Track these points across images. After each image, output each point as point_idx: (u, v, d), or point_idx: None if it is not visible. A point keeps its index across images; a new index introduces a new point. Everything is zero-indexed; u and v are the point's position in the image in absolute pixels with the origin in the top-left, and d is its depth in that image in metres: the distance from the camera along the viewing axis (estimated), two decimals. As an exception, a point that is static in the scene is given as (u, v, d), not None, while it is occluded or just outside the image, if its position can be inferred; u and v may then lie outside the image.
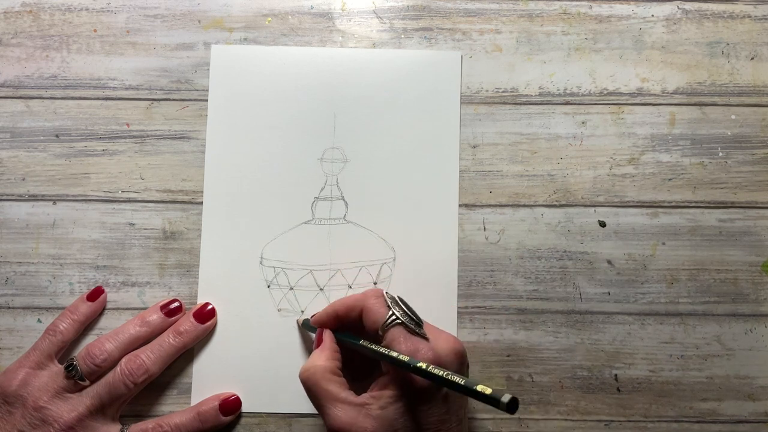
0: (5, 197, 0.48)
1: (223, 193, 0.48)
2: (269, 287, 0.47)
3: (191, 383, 0.46)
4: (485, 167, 0.48)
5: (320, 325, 0.43)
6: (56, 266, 0.47)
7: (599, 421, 0.46)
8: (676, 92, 0.49)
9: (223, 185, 0.48)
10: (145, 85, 0.49)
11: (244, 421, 0.46)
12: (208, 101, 0.48)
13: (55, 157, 0.48)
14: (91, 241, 0.47)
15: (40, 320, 0.47)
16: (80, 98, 0.48)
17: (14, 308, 0.47)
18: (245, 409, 0.46)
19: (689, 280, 0.47)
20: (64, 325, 0.45)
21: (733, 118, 0.48)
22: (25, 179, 0.48)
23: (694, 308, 0.47)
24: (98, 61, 0.49)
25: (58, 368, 0.44)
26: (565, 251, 0.47)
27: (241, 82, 0.48)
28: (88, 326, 0.46)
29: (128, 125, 0.48)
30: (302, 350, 0.46)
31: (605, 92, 0.49)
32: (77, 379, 0.43)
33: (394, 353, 0.38)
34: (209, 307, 0.46)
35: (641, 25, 0.49)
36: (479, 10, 0.49)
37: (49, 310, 0.47)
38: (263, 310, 0.47)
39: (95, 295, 0.46)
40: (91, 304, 0.46)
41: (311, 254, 0.47)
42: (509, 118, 0.48)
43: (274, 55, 0.49)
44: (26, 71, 0.49)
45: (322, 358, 0.41)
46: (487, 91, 0.49)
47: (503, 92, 0.49)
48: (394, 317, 0.39)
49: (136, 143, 0.48)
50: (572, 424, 0.46)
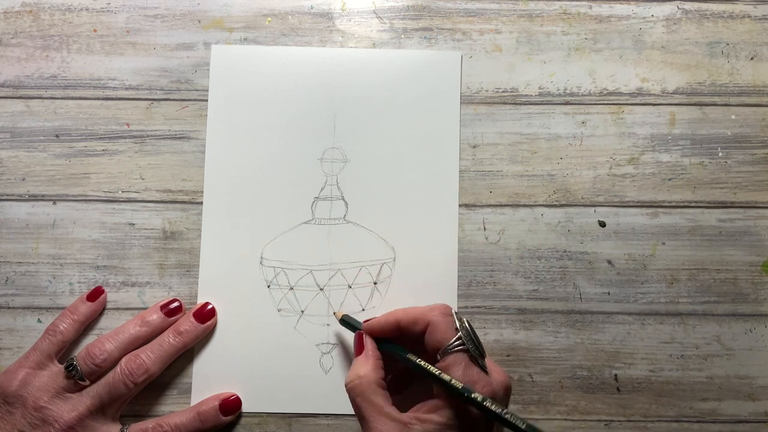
0: (5, 197, 0.48)
1: (223, 193, 0.48)
2: (269, 287, 0.47)
3: (191, 383, 0.46)
4: (485, 167, 0.48)
5: (375, 331, 0.42)
6: (56, 266, 0.47)
7: (599, 421, 0.46)
8: (676, 92, 0.49)
9: (223, 185, 0.48)
10: (145, 85, 0.49)
11: (244, 421, 0.46)
12: (208, 101, 0.48)
13: (55, 157, 0.48)
14: (91, 241, 0.47)
15: (40, 320, 0.47)
16: (80, 98, 0.49)
17: (14, 308, 0.47)
18: (245, 409, 0.46)
19: (689, 280, 0.47)
20: (64, 325, 0.45)
21: (733, 118, 0.48)
22: (25, 179, 0.48)
23: (694, 308, 0.47)
24: (98, 61, 0.49)
25: (58, 368, 0.44)
26: (565, 251, 0.47)
27: (241, 82, 0.48)
28: (88, 326, 0.46)
29: (128, 125, 0.48)
30: (306, 349, 0.46)
31: (605, 92, 0.49)
32: (77, 379, 0.43)
33: (447, 377, 0.37)
34: (209, 307, 0.46)
35: (641, 25, 0.49)
36: (479, 10, 0.49)
37: (49, 310, 0.47)
38: (263, 310, 0.47)
39: (95, 295, 0.46)
40: (91, 304, 0.46)
41: (311, 254, 0.47)
42: (509, 118, 0.48)
43: (274, 55, 0.49)
44: (26, 71, 0.49)
45: (368, 367, 0.40)
46: (487, 91, 0.49)
47: (503, 92, 0.49)
48: (459, 342, 0.38)
49: (136, 143, 0.48)
50: (572, 424, 0.46)
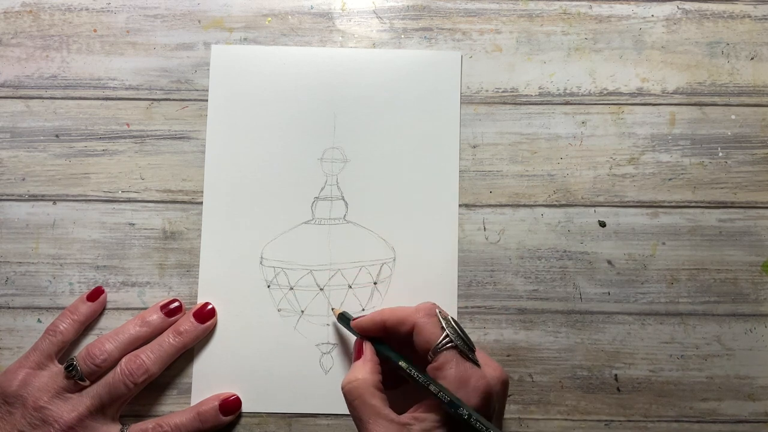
0: (5, 197, 0.48)
1: (223, 193, 0.48)
2: (269, 287, 0.47)
3: (191, 383, 0.46)
4: (485, 167, 0.48)
5: (363, 330, 0.42)
6: (56, 266, 0.47)
7: (599, 421, 0.46)
8: (676, 92, 0.49)
9: (223, 185, 0.48)
10: (145, 85, 0.49)
11: (244, 421, 0.46)
12: (208, 101, 0.48)
13: (55, 157, 0.48)
14: (91, 241, 0.47)
15: (40, 320, 0.47)
16: (80, 98, 0.49)
17: (14, 308, 0.47)
18: (245, 409, 0.46)
19: (689, 280, 0.47)
20: (64, 325, 0.45)
21: (733, 118, 0.48)
22: (25, 179, 0.48)
23: (694, 308, 0.47)
24: (98, 61, 0.49)
25: (58, 368, 0.44)
26: (565, 251, 0.47)
27: (241, 82, 0.48)
28: (88, 326, 0.46)
29: (128, 125, 0.48)
30: (305, 349, 0.46)
31: (605, 92, 0.49)
32: (77, 379, 0.43)
33: (435, 388, 0.37)
34: (209, 307, 0.46)
35: (641, 25, 0.49)
36: (479, 10, 0.49)
37: (49, 310, 0.47)
38: (263, 310, 0.47)
39: (95, 295, 0.46)
40: (91, 304, 0.46)
41: (311, 254, 0.47)
42: (509, 118, 0.48)
43: (274, 55, 0.49)
44: (26, 71, 0.49)
45: (365, 370, 0.40)
46: (487, 91, 0.49)
47: (503, 92, 0.49)
48: (447, 340, 0.38)
49: (136, 143, 0.48)
50: (572, 424, 0.46)
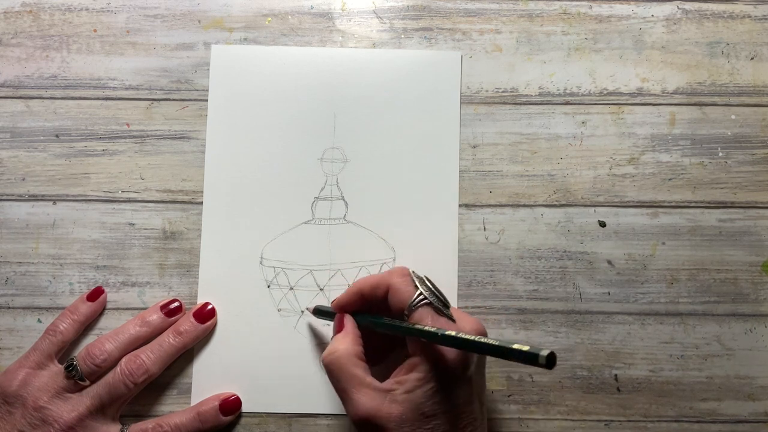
0: (5, 197, 0.48)
1: (223, 193, 0.48)
2: (269, 287, 0.47)
3: (191, 383, 0.46)
4: (485, 167, 0.48)
5: (342, 307, 0.42)
6: (56, 266, 0.47)
7: (599, 421, 0.46)
8: (676, 92, 0.49)
9: (223, 185, 0.48)
10: (145, 85, 0.49)
11: (244, 421, 0.46)
12: (208, 101, 0.48)
13: (55, 157, 0.48)
14: (91, 241, 0.47)
15: (40, 320, 0.47)
16: (80, 98, 0.48)
17: (14, 308, 0.47)
18: (245, 409, 0.46)
19: (689, 280, 0.47)
20: (64, 325, 0.45)
21: (733, 118, 0.48)
22: (25, 179, 0.48)
23: (694, 308, 0.47)
24: (98, 61, 0.49)
25: (58, 368, 0.44)
26: (565, 251, 0.47)
27: (241, 82, 0.48)
28: (88, 326, 0.46)
29: (128, 125, 0.48)
30: (305, 349, 0.46)
31: (605, 92, 0.49)
32: (77, 379, 0.43)
33: (421, 326, 0.37)
34: (209, 307, 0.46)
35: (641, 25, 0.49)
36: (479, 10, 0.49)
37: (49, 310, 0.47)
38: (263, 310, 0.47)
39: (95, 295, 0.46)
40: (91, 304, 0.46)
41: (311, 254, 0.47)
42: (509, 118, 0.48)
43: (274, 55, 0.49)
44: (26, 71, 0.49)
45: (346, 341, 0.40)
46: (487, 91, 0.49)
47: (503, 92, 0.49)
48: (421, 297, 0.39)
49: (136, 143, 0.48)
50: (572, 424, 0.46)
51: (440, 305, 0.39)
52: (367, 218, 0.47)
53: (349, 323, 0.42)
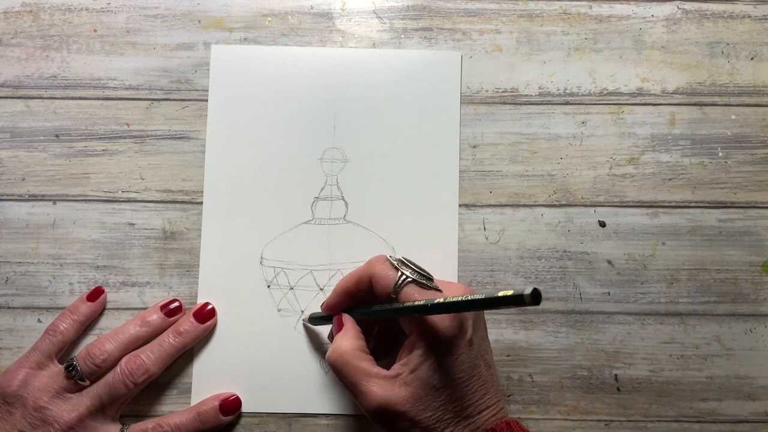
0: (5, 197, 0.48)
1: (223, 193, 0.48)
2: (269, 287, 0.47)
3: (191, 383, 0.46)
4: (485, 167, 0.48)
5: (332, 308, 0.43)
6: (56, 266, 0.47)
7: (599, 421, 0.46)
8: (676, 92, 0.49)
9: (223, 185, 0.48)
10: (145, 85, 0.49)
11: (244, 421, 0.46)
12: (208, 101, 0.48)
13: (55, 157, 0.48)
14: (91, 241, 0.47)
15: (40, 320, 0.47)
16: (80, 98, 0.48)
17: (14, 308, 0.47)
18: (245, 409, 0.46)
19: (689, 280, 0.47)
20: (64, 325, 0.45)
21: (733, 118, 0.48)
22: (25, 179, 0.48)
23: (694, 308, 0.47)
24: (98, 61, 0.49)
25: (58, 368, 0.44)
26: (565, 251, 0.47)
27: (241, 82, 0.48)
28: (88, 326, 0.46)
29: (128, 125, 0.48)
30: (305, 349, 0.46)
31: (605, 92, 0.49)
32: (77, 379, 0.43)
33: (409, 303, 0.38)
34: (209, 307, 0.46)
35: (641, 25, 0.49)
36: (479, 10, 0.49)
37: (49, 310, 0.47)
38: (263, 310, 0.47)
39: (95, 295, 0.46)
40: (91, 304, 0.46)
41: (311, 254, 0.47)
42: (509, 118, 0.48)
43: (274, 55, 0.49)
44: (26, 71, 0.49)
45: (348, 338, 0.41)
46: (487, 91, 0.49)
47: (503, 92, 0.49)
48: (404, 276, 0.39)
49: (136, 143, 0.48)
50: (572, 424, 0.46)
51: (424, 280, 0.39)
52: (367, 218, 0.47)
53: (347, 320, 0.42)
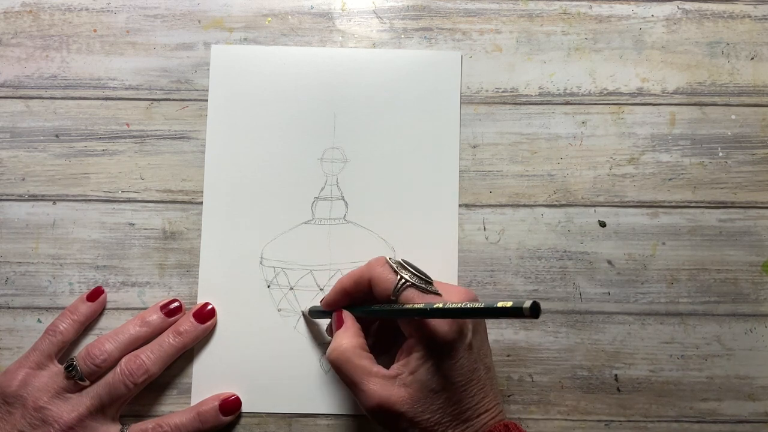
0: (5, 197, 0.48)
1: (223, 193, 0.48)
2: (269, 287, 0.47)
3: (191, 383, 0.46)
4: (485, 167, 0.48)
5: (331, 305, 0.43)
6: (56, 266, 0.47)
7: (599, 421, 0.46)
8: (676, 92, 0.49)
9: (223, 185, 0.48)
10: (145, 85, 0.49)
11: (244, 421, 0.46)
12: (208, 101, 0.48)
13: (55, 157, 0.48)
14: (91, 241, 0.47)
15: (40, 320, 0.47)
16: (80, 98, 0.48)
17: (14, 308, 0.47)
18: (245, 409, 0.46)
19: (689, 280, 0.47)
20: (64, 325, 0.45)
21: (733, 118, 0.48)
22: (25, 179, 0.48)
23: (694, 308, 0.47)
24: (98, 61, 0.49)
25: (58, 368, 0.44)
26: (565, 251, 0.47)
27: (241, 82, 0.48)
28: (88, 326, 0.46)
29: (128, 125, 0.48)
30: (305, 349, 0.46)
31: (605, 92, 0.49)
32: (77, 379, 0.43)
33: (408, 305, 0.38)
34: (209, 307, 0.46)
35: (641, 25, 0.49)
36: (479, 10, 0.49)
37: (49, 310, 0.47)
38: (263, 310, 0.47)
39: (95, 295, 0.46)
40: (91, 304, 0.46)
41: (311, 254, 0.47)
42: (509, 118, 0.48)
43: (274, 55, 0.49)
44: (26, 71, 0.49)
45: (348, 335, 0.41)
46: (487, 91, 0.49)
47: (503, 92, 0.49)
48: (403, 280, 0.39)
49: (136, 143, 0.48)
50: (572, 424, 0.46)
51: (423, 284, 0.39)
52: (367, 218, 0.47)
53: (347, 317, 0.42)
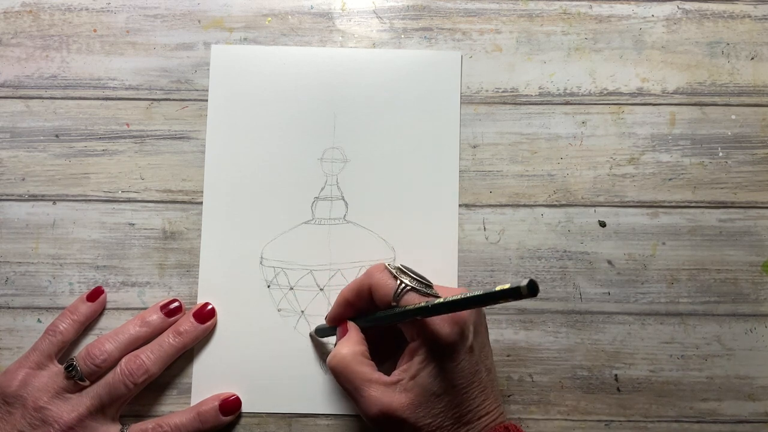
0: (5, 197, 0.48)
1: (223, 193, 0.48)
2: (269, 287, 0.47)
3: (191, 383, 0.46)
4: (485, 167, 0.48)
5: (336, 319, 0.43)
6: (56, 266, 0.47)
7: (599, 421, 0.46)
8: (676, 92, 0.49)
9: (223, 185, 0.48)
10: (145, 85, 0.49)
11: (244, 421, 0.46)
12: (208, 101, 0.48)
13: (55, 157, 0.48)
14: (91, 241, 0.47)
15: (40, 320, 0.47)
16: (80, 98, 0.48)
17: (14, 308, 0.47)
18: (245, 409, 0.46)
19: (689, 280, 0.47)
20: (64, 325, 0.45)
21: (733, 118, 0.48)
22: (25, 179, 0.48)
23: (694, 308, 0.47)
24: (98, 61, 0.49)
25: (58, 368, 0.44)
26: (565, 251, 0.47)
27: (241, 82, 0.48)
28: (88, 326, 0.46)
29: (128, 125, 0.48)
30: (305, 349, 0.46)
31: (605, 92, 0.49)
32: (77, 379, 0.43)
33: (410, 306, 0.38)
34: (209, 307, 0.46)
35: (641, 25, 0.49)
36: (479, 10, 0.49)
37: (49, 310, 0.47)
38: (263, 310, 0.47)
39: (95, 295, 0.46)
40: (91, 304, 0.46)
41: (311, 254, 0.47)
42: (509, 118, 0.48)
43: (274, 55, 0.49)
44: (26, 71, 0.49)
45: (349, 343, 0.41)
46: (487, 91, 0.49)
47: (503, 92, 0.49)
48: (403, 285, 0.39)
49: (136, 143, 0.48)
50: (572, 424, 0.46)
51: (423, 287, 0.39)
52: (367, 218, 0.47)
53: (350, 327, 0.42)
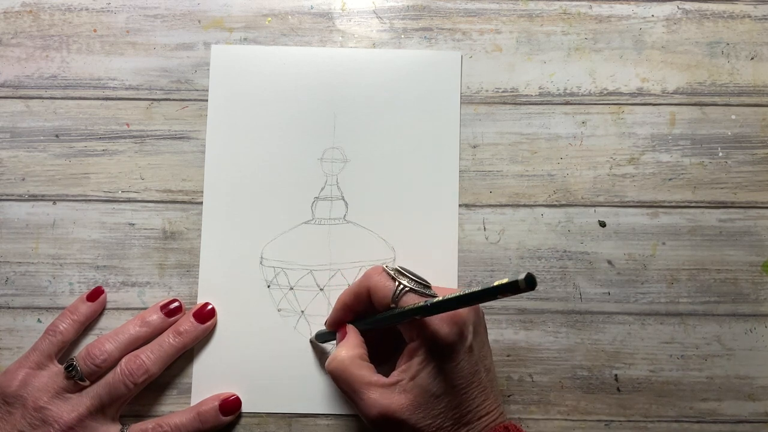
0: (5, 197, 0.48)
1: (223, 193, 0.48)
2: (269, 287, 0.47)
3: (191, 383, 0.46)
4: (485, 167, 0.48)
5: (335, 324, 0.43)
6: (56, 266, 0.47)
7: (599, 421, 0.46)
8: (676, 92, 0.49)
9: (223, 185, 0.48)
10: (145, 85, 0.49)
11: (244, 421, 0.46)
12: (208, 101, 0.48)
13: (55, 157, 0.48)
14: (91, 241, 0.47)
15: (40, 320, 0.47)
16: (80, 98, 0.48)
17: (14, 308, 0.47)
18: (245, 409, 0.46)
19: (689, 280, 0.47)
20: (64, 325, 0.45)
21: (733, 118, 0.48)
22: (25, 179, 0.48)
23: (694, 308, 0.47)
24: (98, 61, 0.49)
25: (58, 368, 0.44)
26: (565, 251, 0.47)
27: (241, 82, 0.48)
28: (88, 326, 0.46)
29: (128, 125, 0.48)
30: (305, 349, 0.46)
31: (605, 92, 0.49)
32: (77, 379, 0.43)
33: (409, 306, 0.38)
34: (209, 307, 0.46)
35: (641, 25, 0.49)
36: (479, 10, 0.49)
37: (49, 310, 0.47)
38: (263, 310, 0.47)
39: (95, 295, 0.46)
40: (91, 304, 0.46)
41: (311, 254, 0.47)
42: (509, 118, 0.48)
43: (274, 55, 0.49)
44: (26, 71, 0.49)
45: (347, 346, 0.41)
46: (487, 91, 0.49)
47: (503, 92, 0.49)
48: (402, 286, 0.39)
49: (136, 143, 0.48)
50: (572, 424, 0.46)
51: (421, 288, 0.39)
52: (367, 218, 0.47)
53: (349, 330, 0.42)
